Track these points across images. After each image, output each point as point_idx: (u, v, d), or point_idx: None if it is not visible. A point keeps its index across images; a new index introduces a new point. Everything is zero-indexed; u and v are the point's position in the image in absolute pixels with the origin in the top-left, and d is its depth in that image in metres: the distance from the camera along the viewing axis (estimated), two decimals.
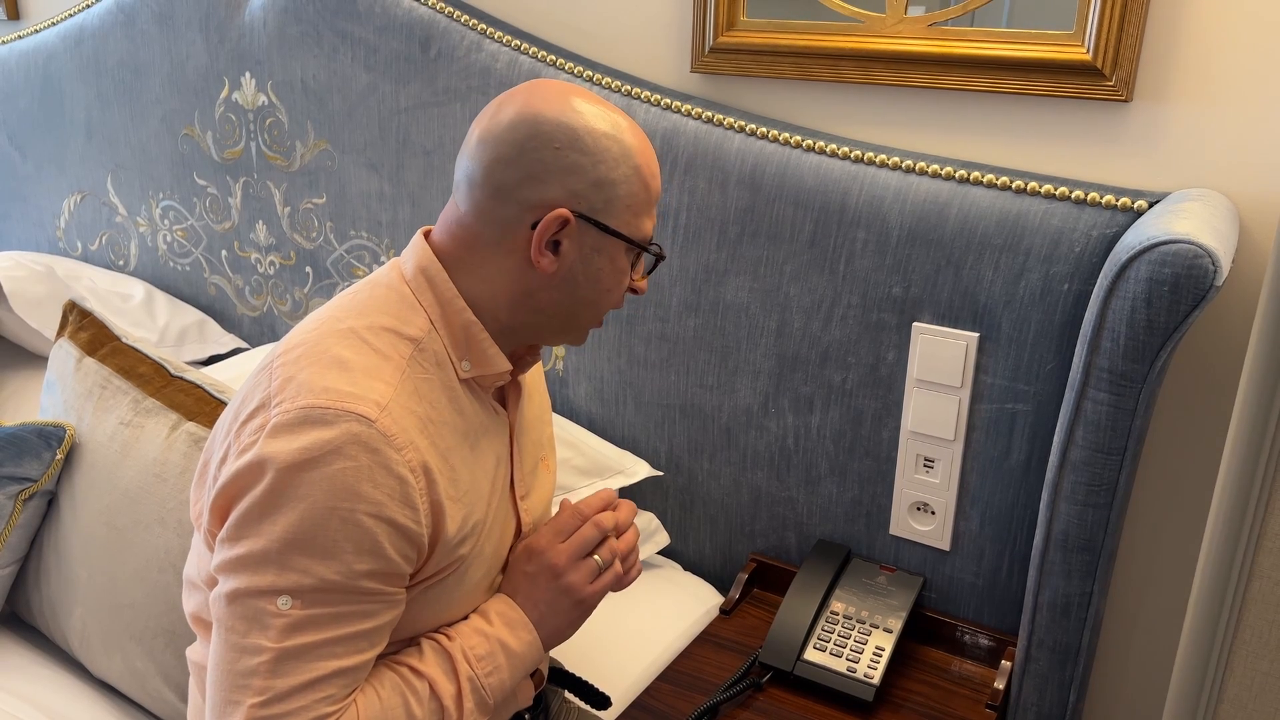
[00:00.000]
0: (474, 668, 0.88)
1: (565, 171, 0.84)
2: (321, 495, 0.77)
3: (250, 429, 0.81)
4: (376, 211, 1.68)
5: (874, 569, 1.33)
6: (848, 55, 1.27)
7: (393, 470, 0.79)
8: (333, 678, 0.79)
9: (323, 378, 0.80)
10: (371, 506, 0.78)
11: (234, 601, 0.79)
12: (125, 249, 2.07)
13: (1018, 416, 1.21)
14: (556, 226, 0.84)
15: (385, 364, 0.83)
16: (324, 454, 0.77)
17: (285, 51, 1.69)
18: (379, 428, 0.79)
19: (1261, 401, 0.72)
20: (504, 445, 0.95)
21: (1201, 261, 0.94)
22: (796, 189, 1.28)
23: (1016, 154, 1.23)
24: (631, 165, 0.87)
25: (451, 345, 0.88)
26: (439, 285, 0.88)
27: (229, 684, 0.78)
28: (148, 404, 1.28)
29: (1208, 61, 1.11)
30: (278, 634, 0.78)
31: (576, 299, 0.89)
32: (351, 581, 0.79)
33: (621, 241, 0.88)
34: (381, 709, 0.83)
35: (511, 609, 0.93)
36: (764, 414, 1.39)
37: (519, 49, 1.47)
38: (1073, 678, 1.16)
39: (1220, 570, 0.77)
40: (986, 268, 1.18)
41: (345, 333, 0.85)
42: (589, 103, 0.87)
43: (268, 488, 0.78)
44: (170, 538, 1.19)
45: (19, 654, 1.30)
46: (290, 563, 0.78)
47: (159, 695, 1.18)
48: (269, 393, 0.82)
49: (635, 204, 0.88)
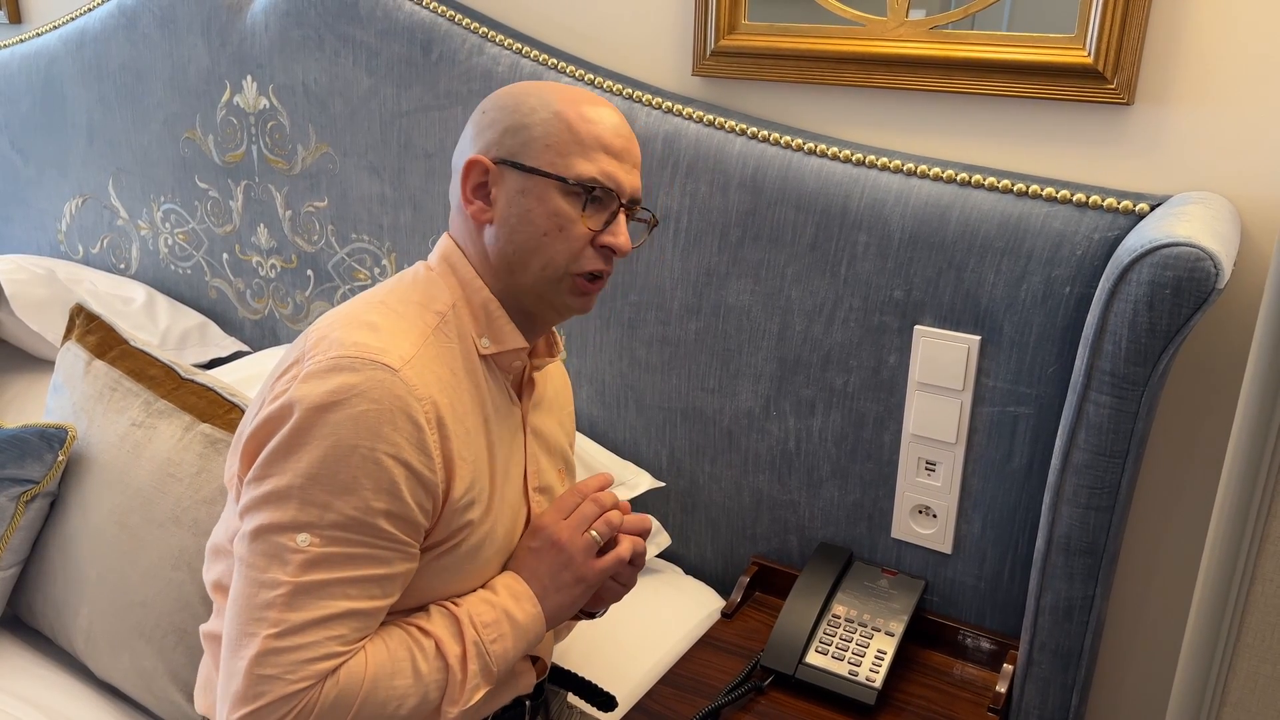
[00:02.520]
0: (479, 633, 0.91)
1: (485, 128, 0.94)
2: (345, 433, 0.82)
3: (284, 381, 0.87)
4: (378, 215, 1.68)
5: (876, 572, 1.33)
6: (849, 58, 1.27)
7: (412, 417, 0.85)
8: (345, 618, 0.83)
9: (353, 335, 0.87)
10: (391, 447, 0.83)
11: (256, 538, 0.84)
12: (126, 252, 2.07)
13: (1019, 419, 1.21)
14: (479, 175, 0.93)
15: (411, 329, 0.90)
16: (349, 396, 0.83)
17: (287, 55, 1.69)
18: (402, 376, 0.85)
19: (1264, 404, 0.72)
20: (518, 434, 1.00)
21: (1203, 264, 0.94)
22: (798, 192, 1.28)
23: (1018, 157, 1.23)
24: (551, 110, 0.92)
25: (473, 322, 0.94)
26: (460, 269, 0.95)
27: (246, 616, 0.83)
28: (160, 405, 1.29)
29: (1209, 64, 1.11)
30: (295, 569, 0.82)
31: (519, 245, 0.93)
32: (369, 519, 0.83)
33: (550, 180, 0.91)
34: (389, 658, 0.86)
35: (516, 581, 0.96)
36: (765, 417, 1.39)
37: (520, 52, 1.47)
38: (1075, 681, 1.16)
39: (1223, 573, 0.77)
40: (988, 271, 1.18)
41: (376, 304, 0.92)
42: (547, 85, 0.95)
43: (294, 426, 0.83)
44: (184, 536, 1.20)
45: (20, 656, 1.30)
46: (311, 497, 0.82)
47: (165, 695, 1.18)
48: (304, 350, 0.88)
49: (557, 143, 0.91)
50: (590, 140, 0.92)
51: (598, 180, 0.92)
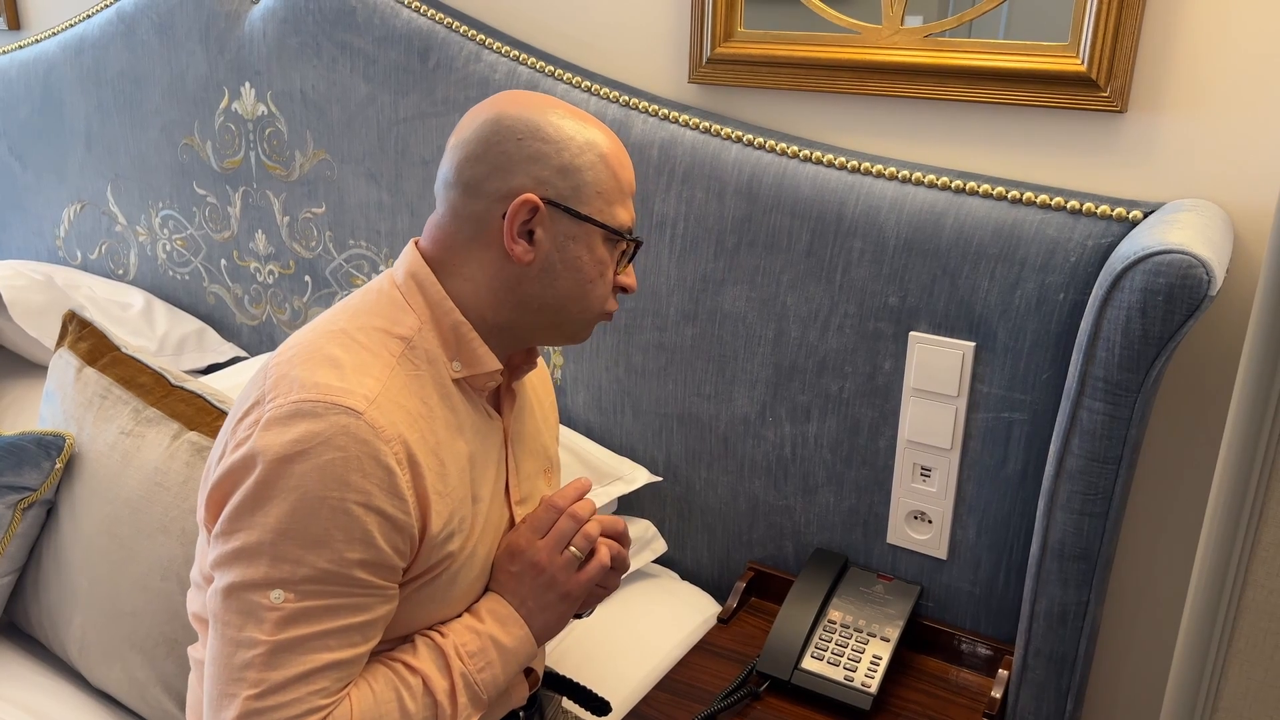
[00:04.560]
0: (466, 664, 0.89)
1: (529, 160, 0.87)
2: (312, 485, 0.79)
3: (245, 425, 0.84)
4: (375, 221, 1.69)
5: (871, 578, 1.33)
6: (844, 66, 1.28)
7: (380, 461, 0.81)
8: (327, 670, 0.80)
9: (314, 374, 0.83)
10: (360, 495, 0.80)
11: (229, 596, 0.81)
12: (125, 258, 2.08)
13: (1014, 425, 1.21)
14: (526, 213, 0.87)
15: (375, 361, 0.85)
16: (313, 445, 0.79)
17: (285, 62, 1.69)
18: (366, 419, 0.81)
19: (1255, 410, 0.73)
20: (499, 449, 0.96)
21: (1196, 271, 0.94)
22: (793, 199, 1.29)
23: (1012, 164, 1.23)
24: (597, 153, 0.89)
25: (442, 345, 0.90)
26: (427, 288, 0.90)
27: (225, 678, 0.80)
28: (149, 413, 1.28)
29: (1202, 72, 1.11)
30: (272, 627, 0.79)
31: (559, 291, 0.90)
32: (344, 571, 0.80)
33: (597, 229, 0.90)
34: (375, 703, 0.84)
35: (501, 605, 0.94)
36: (761, 423, 1.39)
37: (517, 59, 1.48)
38: (1069, 686, 1.16)
39: (1215, 578, 0.77)
40: (982, 277, 1.19)
41: (337, 333, 0.87)
42: (555, 104, 0.90)
43: (259, 479, 0.80)
44: (173, 546, 1.20)
45: (17, 663, 1.30)
46: (283, 553, 0.79)
47: (158, 704, 1.18)
48: (264, 390, 0.84)
49: (605, 191, 0.90)
50: (626, 187, 0.92)
51: (632, 229, 0.93)
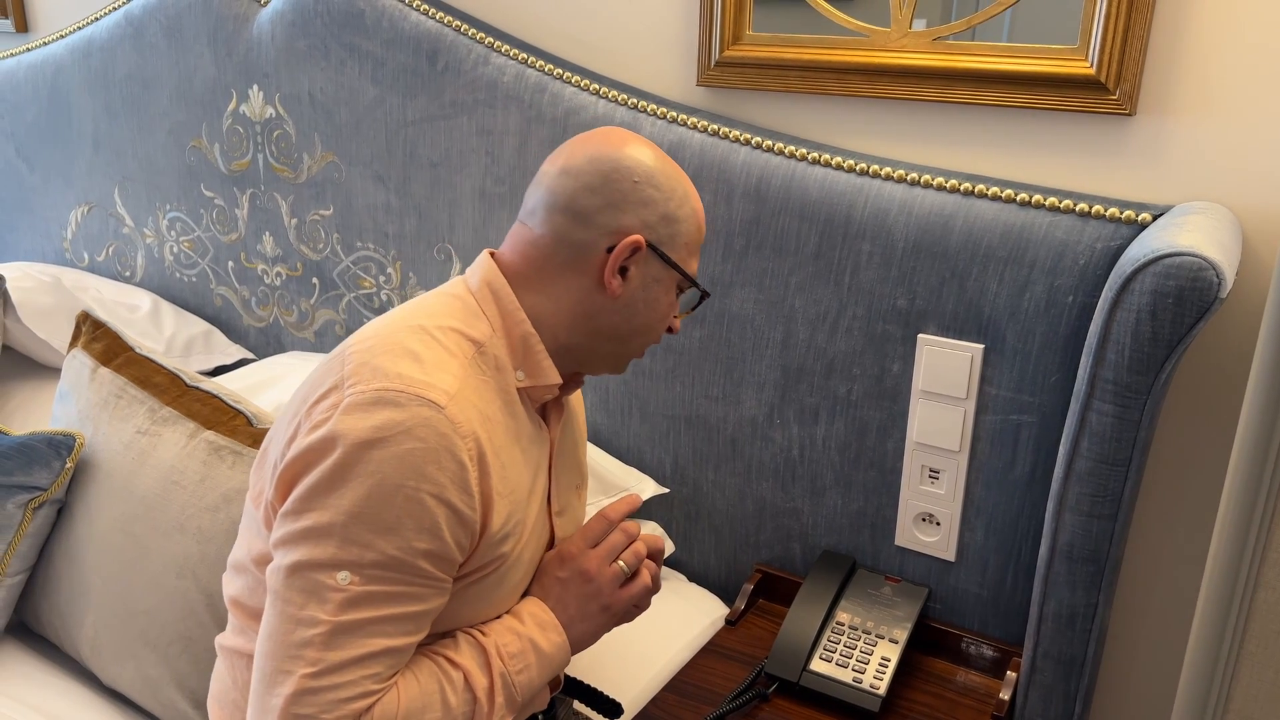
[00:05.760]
0: (506, 664, 0.91)
1: (641, 204, 0.93)
2: (390, 472, 0.81)
3: (323, 408, 0.85)
4: (383, 223, 1.69)
5: (879, 580, 1.33)
6: (852, 69, 1.28)
7: (456, 455, 0.83)
8: (381, 656, 0.82)
9: (396, 365, 0.85)
10: (435, 488, 0.82)
11: (293, 574, 0.82)
12: (132, 260, 2.08)
13: (1022, 428, 1.21)
14: (629, 251, 0.92)
15: (452, 359, 0.88)
16: (395, 434, 0.81)
17: (293, 64, 1.70)
18: (447, 414, 0.83)
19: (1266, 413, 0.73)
20: (544, 459, 0.99)
21: (1205, 274, 0.94)
22: (801, 201, 1.29)
23: (1021, 167, 1.23)
24: (691, 207, 0.96)
25: (510, 354, 0.93)
26: (502, 298, 0.94)
27: (282, 654, 0.81)
28: (165, 413, 1.29)
29: (1211, 75, 1.11)
30: (335, 608, 0.81)
31: (633, 325, 0.96)
32: (410, 559, 0.82)
33: (676, 275, 0.96)
34: (420, 693, 0.86)
35: (543, 611, 0.96)
36: (769, 425, 1.39)
37: (526, 62, 1.48)
38: (1078, 689, 1.16)
39: (1226, 581, 0.77)
40: (991, 280, 1.19)
41: (416, 329, 0.89)
42: (661, 153, 0.96)
43: (337, 462, 0.82)
44: (188, 544, 1.20)
45: (28, 663, 1.30)
46: (353, 536, 0.81)
47: (171, 703, 1.19)
48: (342, 375, 0.86)
49: (691, 243, 0.97)
50: (702, 241, 1.00)
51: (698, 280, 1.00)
